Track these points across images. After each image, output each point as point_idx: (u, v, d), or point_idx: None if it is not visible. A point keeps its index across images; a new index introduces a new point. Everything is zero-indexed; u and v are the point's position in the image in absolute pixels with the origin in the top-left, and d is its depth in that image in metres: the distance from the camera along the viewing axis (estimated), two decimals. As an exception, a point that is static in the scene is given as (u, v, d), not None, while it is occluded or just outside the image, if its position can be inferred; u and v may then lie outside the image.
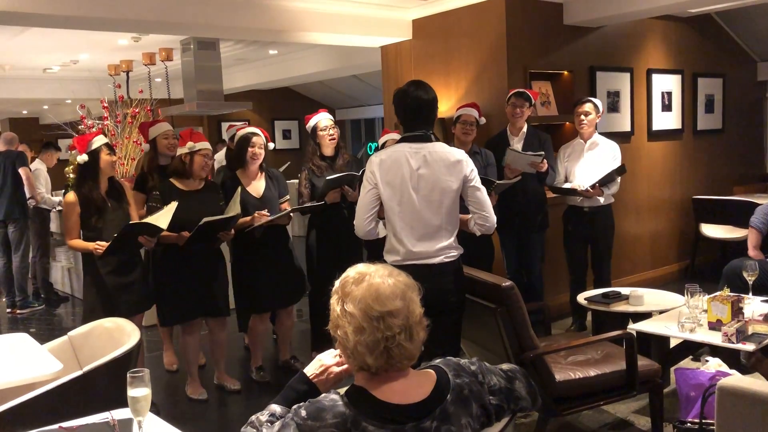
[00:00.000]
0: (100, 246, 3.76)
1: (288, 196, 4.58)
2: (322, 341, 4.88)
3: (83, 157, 3.86)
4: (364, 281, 1.57)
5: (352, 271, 1.62)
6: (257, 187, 4.36)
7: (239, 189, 4.11)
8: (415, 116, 3.13)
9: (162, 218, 3.74)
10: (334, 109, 12.90)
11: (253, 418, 1.64)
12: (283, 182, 4.52)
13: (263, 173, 4.42)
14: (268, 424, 1.56)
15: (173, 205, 3.76)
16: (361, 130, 13.50)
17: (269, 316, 4.75)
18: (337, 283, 1.63)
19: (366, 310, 1.52)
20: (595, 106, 5.00)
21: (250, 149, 4.26)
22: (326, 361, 1.79)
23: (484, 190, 3.20)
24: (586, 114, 4.97)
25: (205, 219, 3.84)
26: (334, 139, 4.60)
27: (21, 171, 6.67)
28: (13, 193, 6.65)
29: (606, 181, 4.83)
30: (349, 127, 13.38)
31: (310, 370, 1.79)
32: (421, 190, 3.07)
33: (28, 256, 6.95)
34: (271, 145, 4.46)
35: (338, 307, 1.58)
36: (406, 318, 1.54)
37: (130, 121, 6.86)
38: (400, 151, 3.10)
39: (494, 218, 3.20)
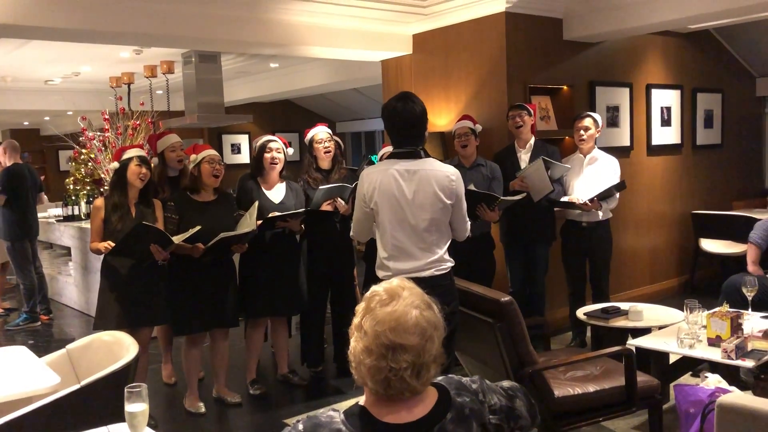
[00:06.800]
0: (109, 244, 3.83)
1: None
2: (312, 356, 4.87)
3: (114, 165, 4.07)
4: (389, 305, 1.51)
5: (382, 287, 1.56)
6: (276, 194, 4.41)
7: (255, 204, 4.14)
8: (404, 132, 3.10)
9: (179, 236, 3.87)
10: (335, 122, 12.93)
11: None
12: (301, 197, 4.53)
13: (284, 183, 4.47)
14: None
15: (196, 229, 3.87)
16: (361, 142, 13.53)
17: (265, 325, 4.74)
18: (369, 292, 1.58)
19: (380, 334, 1.48)
20: (595, 120, 5.01)
21: (266, 154, 4.34)
22: None
23: (465, 208, 3.23)
24: (586, 129, 4.98)
25: (222, 235, 3.92)
26: (329, 152, 4.63)
27: (42, 195, 6.91)
28: (35, 208, 6.78)
29: (605, 195, 4.83)
30: (349, 140, 13.40)
31: None
32: (411, 207, 3.05)
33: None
34: (290, 151, 4.52)
35: (359, 318, 1.54)
36: (419, 355, 1.49)
37: (131, 134, 6.88)
38: (390, 168, 3.08)
39: (464, 235, 3.27)
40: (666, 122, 6.75)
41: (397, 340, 1.48)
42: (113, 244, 3.82)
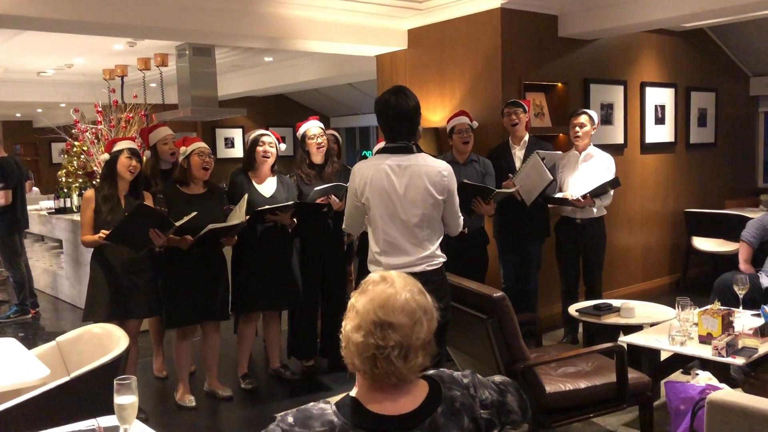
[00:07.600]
0: (104, 233, 3.79)
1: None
2: (304, 350, 4.85)
3: (105, 156, 4.04)
4: (380, 285, 1.56)
5: (378, 274, 1.61)
6: (267, 187, 4.40)
7: (245, 197, 4.13)
8: (396, 126, 3.09)
9: (178, 221, 3.87)
10: (329, 117, 12.90)
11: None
12: (293, 191, 4.51)
13: (275, 177, 4.46)
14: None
15: (192, 214, 3.85)
16: (355, 138, 13.51)
17: (257, 320, 4.72)
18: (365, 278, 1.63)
19: (369, 311, 1.51)
20: (591, 117, 5.02)
21: (259, 148, 4.33)
22: None
23: (457, 203, 3.21)
24: (582, 126, 4.98)
25: (210, 226, 3.91)
26: (322, 147, 4.61)
27: (28, 185, 6.79)
28: (25, 202, 6.72)
29: (598, 192, 4.83)
30: (343, 135, 13.35)
31: None
32: (402, 202, 3.04)
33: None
34: (282, 146, 4.50)
35: (352, 299, 1.58)
36: (407, 336, 1.51)
37: (123, 126, 6.85)
38: (382, 163, 3.07)
39: (457, 230, 3.27)
40: (660, 120, 6.76)
41: (385, 317, 1.50)
42: (107, 232, 3.78)
